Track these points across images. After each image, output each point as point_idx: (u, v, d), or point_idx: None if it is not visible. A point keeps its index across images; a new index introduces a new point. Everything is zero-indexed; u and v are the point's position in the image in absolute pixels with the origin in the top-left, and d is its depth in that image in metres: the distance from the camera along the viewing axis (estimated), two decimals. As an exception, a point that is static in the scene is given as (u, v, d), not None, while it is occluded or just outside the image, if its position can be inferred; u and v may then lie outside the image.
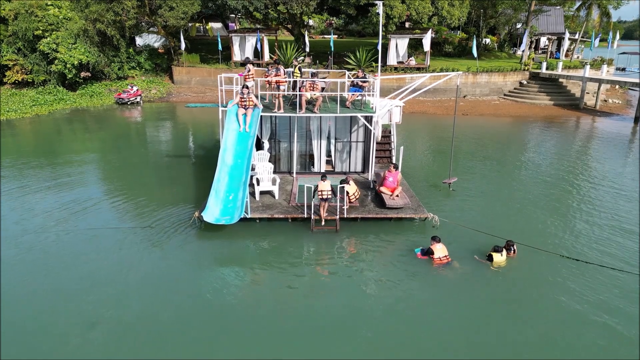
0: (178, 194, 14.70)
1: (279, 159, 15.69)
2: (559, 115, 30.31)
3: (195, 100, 33.70)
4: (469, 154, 20.39)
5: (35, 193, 14.81)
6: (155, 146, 22.46)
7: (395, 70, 34.87)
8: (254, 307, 8.96)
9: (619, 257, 10.92)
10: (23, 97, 31.77)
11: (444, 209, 13.48)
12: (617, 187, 16.03)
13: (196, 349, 7.80)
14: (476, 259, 10.64)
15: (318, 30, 63.56)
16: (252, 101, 13.58)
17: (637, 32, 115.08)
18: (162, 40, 39.69)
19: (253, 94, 13.76)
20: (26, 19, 31.84)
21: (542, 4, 43.08)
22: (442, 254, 10.44)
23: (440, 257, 10.41)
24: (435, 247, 10.45)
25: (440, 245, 10.49)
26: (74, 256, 10.77)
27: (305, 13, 35.93)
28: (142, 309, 8.83)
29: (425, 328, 8.44)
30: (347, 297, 9.28)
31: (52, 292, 9.32)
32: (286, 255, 10.92)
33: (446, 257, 10.46)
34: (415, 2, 33.30)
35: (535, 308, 9.03)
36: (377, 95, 14.58)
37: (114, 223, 12.59)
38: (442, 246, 10.50)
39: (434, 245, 10.48)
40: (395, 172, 13.30)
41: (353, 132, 15.42)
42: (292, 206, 12.81)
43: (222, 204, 12.23)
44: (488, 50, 43.88)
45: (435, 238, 10.57)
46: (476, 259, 10.65)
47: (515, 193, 15.48)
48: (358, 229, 12.18)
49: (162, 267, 10.38)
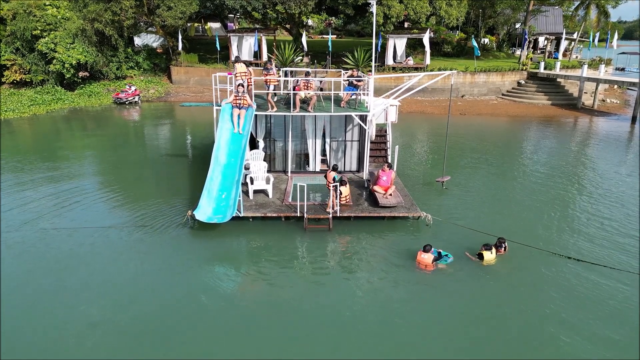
0: (172, 192, 14.73)
1: (274, 158, 15.71)
2: (556, 115, 30.32)
3: (193, 100, 33.76)
4: (464, 152, 20.41)
5: (31, 192, 14.83)
6: (153, 145, 22.50)
7: (393, 70, 34.89)
8: (247, 306, 8.99)
9: (614, 256, 10.92)
10: (21, 96, 31.81)
11: (437, 207, 13.50)
12: (613, 186, 16.04)
13: (191, 347, 7.80)
14: (467, 255, 10.69)
15: (317, 30, 63.56)
16: (247, 101, 13.60)
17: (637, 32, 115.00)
18: (160, 40, 39.73)
19: (247, 94, 13.77)
20: (24, 18, 31.89)
21: (540, 4, 43.12)
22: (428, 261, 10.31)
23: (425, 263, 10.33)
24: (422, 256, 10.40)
25: (428, 255, 10.31)
26: (68, 255, 10.79)
27: (303, 13, 35.96)
28: (134, 308, 8.84)
29: (418, 326, 8.45)
30: (340, 296, 9.30)
31: (48, 292, 9.32)
32: (279, 254, 10.94)
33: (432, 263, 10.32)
34: (413, 2, 33.33)
35: (527, 306, 9.04)
36: (371, 94, 14.60)
37: (107, 222, 12.61)
38: (429, 255, 10.32)
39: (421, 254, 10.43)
40: (389, 172, 13.33)
41: (348, 131, 15.44)
42: (286, 205, 12.84)
43: (215, 202, 12.26)
44: (487, 50, 43.89)
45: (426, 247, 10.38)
46: (467, 255, 10.71)
47: (509, 192, 15.50)
48: (351, 228, 12.20)
49: (154, 265, 10.41)
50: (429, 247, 10.37)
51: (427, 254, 10.31)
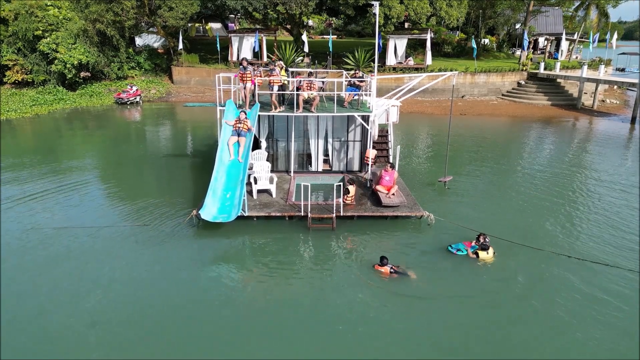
0: (175, 192, 14.81)
1: (277, 158, 15.81)
2: (556, 116, 30.44)
3: (195, 100, 33.84)
4: (466, 153, 20.53)
5: (33, 191, 14.90)
6: (154, 145, 22.59)
7: (394, 70, 35.00)
8: (251, 305, 9.07)
9: (615, 255, 11.01)
10: (23, 97, 31.89)
11: (440, 207, 13.59)
12: (612, 186, 16.14)
13: (195, 347, 7.87)
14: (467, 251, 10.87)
15: (317, 30, 63.67)
16: (247, 125, 13.38)
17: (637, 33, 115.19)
18: (161, 40, 39.84)
19: (249, 120, 13.52)
20: (26, 19, 31.96)
21: (540, 5, 43.24)
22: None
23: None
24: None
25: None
26: (71, 255, 10.86)
27: (304, 13, 36.07)
28: (139, 308, 8.91)
29: (419, 326, 8.54)
30: (344, 294, 9.39)
31: (49, 291, 9.38)
32: (283, 253, 11.04)
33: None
34: (413, 2, 33.45)
35: (526, 306, 9.14)
36: (373, 94, 14.71)
37: (111, 221, 12.70)
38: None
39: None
40: (391, 171, 13.45)
41: (350, 132, 15.55)
42: (289, 204, 12.94)
43: (220, 202, 12.36)
44: (487, 51, 44.01)
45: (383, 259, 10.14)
46: (467, 250, 10.88)
47: (511, 192, 15.61)
48: (354, 227, 12.30)
49: (159, 264, 10.49)
50: (386, 260, 10.09)
51: (383, 267, 10.04)
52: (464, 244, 11.00)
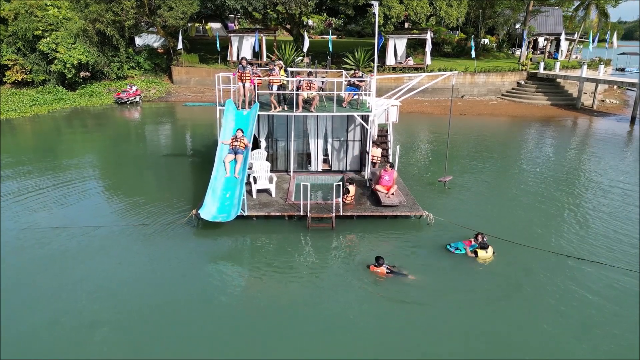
0: (174, 192, 14.80)
1: (276, 157, 15.82)
2: (556, 115, 30.45)
3: (194, 99, 33.84)
4: (465, 153, 20.54)
5: (31, 191, 14.90)
6: (154, 145, 22.60)
7: (393, 70, 35.01)
8: (250, 305, 9.06)
9: (614, 254, 11.02)
10: (23, 96, 31.90)
11: (439, 207, 13.59)
12: (612, 186, 16.15)
13: (194, 347, 7.87)
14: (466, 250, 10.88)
15: (317, 30, 63.66)
16: (244, 142, 13.19)
17: (637, 33, 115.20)
18: (161, 40, 39.83)
19: (246, 138, 13.32)
20: (26, 19, 31.97)
21: (540, 5, 43.26)
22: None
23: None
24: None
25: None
26: (70, 254, 10.85)
27: (304, 13, 36.08)
28: (139, 307, 8.90)
29: (419, 325, 8.54)
30: (343, 294, 9.40)
31: (49, 291, 9.37)
32: (282, 253, 11.04)
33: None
34: (413, 2, 33.46)
35: (526, 306, 9.15)
36: (373, 94, 14.71)
37: (110, 221, 12.69)
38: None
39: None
40: (391, 171, 13.46)
41: (350, 131, 15.56)
42: (289, 204, 12.94)
43: (219, 201, 12.37)
44: (486, 51, 44.03)
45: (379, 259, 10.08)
46: (466, 249, 10.89)
47: (511, 192, 15.61)
48: (354, 227, 12.31)
49: (158, 264, 10.49)
50: (382, 260, 10.04)
51: (379, 267, 9.99)
52: (464, 243, 11.01)
